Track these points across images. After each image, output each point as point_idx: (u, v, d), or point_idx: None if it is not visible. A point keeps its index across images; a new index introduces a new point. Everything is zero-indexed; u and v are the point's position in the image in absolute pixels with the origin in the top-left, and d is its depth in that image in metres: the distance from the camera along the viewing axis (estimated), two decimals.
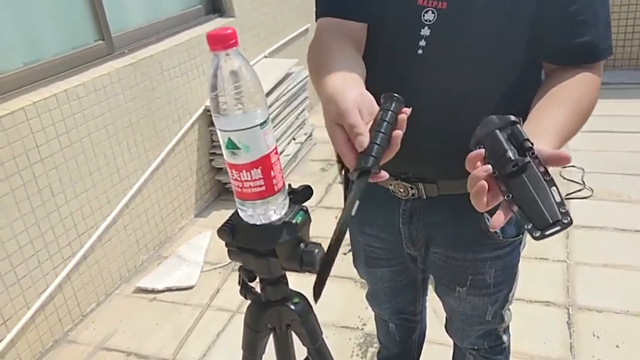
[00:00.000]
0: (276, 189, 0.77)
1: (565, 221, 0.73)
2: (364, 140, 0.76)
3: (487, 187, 0.74)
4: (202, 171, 3.29)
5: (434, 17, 0.96)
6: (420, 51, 0.99)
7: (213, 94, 0.70)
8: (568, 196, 2.98)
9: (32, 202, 2.22)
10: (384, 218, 1.26)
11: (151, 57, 2.82)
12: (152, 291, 2.63)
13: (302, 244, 0.80)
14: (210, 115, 3.25)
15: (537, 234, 0.73)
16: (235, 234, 0.80)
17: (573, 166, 3.24)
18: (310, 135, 3.90)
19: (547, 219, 0.74)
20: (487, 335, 1.40)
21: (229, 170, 0.76)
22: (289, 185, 0.84)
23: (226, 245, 0.81)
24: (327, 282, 0.77)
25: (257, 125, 0.72)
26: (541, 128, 0.87)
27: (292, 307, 0.86)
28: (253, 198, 0.76)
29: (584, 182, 3.08)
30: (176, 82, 3.01)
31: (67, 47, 2.51)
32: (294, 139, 3.73)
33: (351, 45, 1.03)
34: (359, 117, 0.78)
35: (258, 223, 0.78)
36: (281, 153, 3.50)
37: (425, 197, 1.16)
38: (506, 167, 0.75)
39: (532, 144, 0.76)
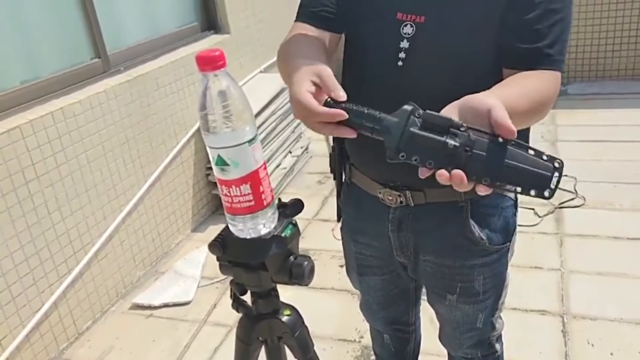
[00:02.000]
0: (265, 204, 0.79)
1: (557, 164, 0.70)
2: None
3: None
4: (199, 186, 3.31)
5: (412, 30, 1.01)
6: (400, 63, 1.03)
7: (202, 112, 0.73)
8: (561, 205, 3.01)
9: (27, 219, 2.23)
10: (374, 226, 1.28)
11: (147, 74, 2.85)
12: (149, 307, 2.63)
13: (291, 257, 0.82)
14: None
15: (547, 193, 0.70)
16: (226, 248, 0.81)
17: (565, 175, 3.26)
18: (306, 149, 3.93)
19: (542, 175, 0.70)
20: (479, 344, 1.42)
21: (219, 185, 0.78)
22: (279, 199, 0.87)
23: (217, 260, 0.83)
24: (323, 295, 0.79)
25: (245, 142, 0.74)
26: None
27: (283, 319, 0.88)
28: (243, 213, 0.78)
29: (576, 191, 3.11)
30: (172, 98, 3.04)
31: (64, 65, 2.54)
32: (291, 152, 3.76)
33: (319, 43, 1.10)
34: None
35: (248, 237, 0.80)
36: (278, 166, 3.52)
37: (413, 205, 1.18)
38: (459, 157, 0.70)
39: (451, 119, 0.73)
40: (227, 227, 0.83)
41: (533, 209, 3.00)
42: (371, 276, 1.41)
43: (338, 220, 1.39)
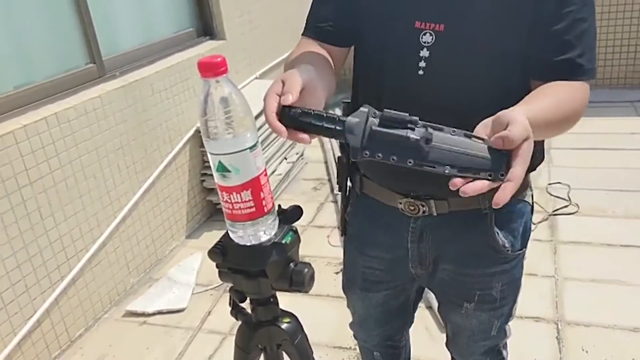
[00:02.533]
0: (266, 210, 0.79)
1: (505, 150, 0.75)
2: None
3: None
4: (194, 192, 3.30)
5: (432, 39, 1.00)
6: (420, 72, 1.02)
7: (204, 118, 0.72)
8: (555, 212, 3.02)
9: (20, 226, 2.21)
10: (391, 238, 1.25)
11: (142, 79, 2.85)
12: (143, 314, 2.61)
13: (291, 264, 0.81)
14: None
15: (502, 175, 0.74)
16: (225, 255, 0.81)
17: (559, 182, 3.29)
18: (301, 155, 3.93)
19: (497, 159, 0.75)
20: (489, 352, 1.41)
21: (219, 192, 0.78)
22: (279, 205, 0.86)
23: (217, 267, 0.83)
24: (319, 302, 0.79)
25: (247, 149, 0.74)
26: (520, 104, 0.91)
27: (283, 326, 0.87)
28: (243, 219, 0.78)
29: (570, 199, 3.12)
30: (167, 104, 3.03)
31: (58, 70, 2.53)
32: (286, 159, 3.76)
33: (323, 60, 1.07)
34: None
35: (248, 244, 0.80)
36: (273, 173, 3.52)
37: (435, 214, 1.16)
38: (421, 149, 0.75)
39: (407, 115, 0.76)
40: (226, 233, 0.82)
41: None
42: (375, 292, 1.36)
43: (343, 234, 1.34)
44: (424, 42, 1.01)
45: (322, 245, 2.94)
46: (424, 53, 1.01)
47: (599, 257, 2.63)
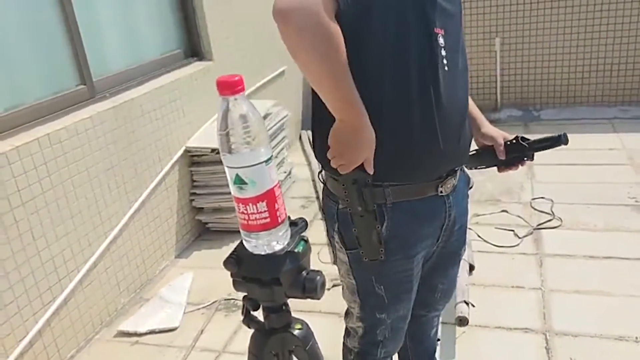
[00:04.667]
0: (280, 220, 0.83)
1: None
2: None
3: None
4: (183, 211, 3.31)
5: (443, 41, 1.21)
6: (446, 68, 1.22)
7: (223, 132, 0.76)
8: (539, 226, 3.10)
9: (12, 246, 2.21)
10: (433, 224, 1.37)
11: (132, 100, 2.87)
12: (135, 334, 2.60)
13: (304, 272, 0.85)
14: (191, 156, 3.31)
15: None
16: (240, 264, 0.84)
17: (542, 197, 3.37)
18: (289, 174, 3.97)
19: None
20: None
21: (235, 204, 0.81)
22: (289, 217, 0.90)
23: (231, 276, 0.86)
24: (311, 318, 0.84)
25: (263, 162, 0.78)
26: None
27: (295, 333, 0.91)
28: (258, 229, 0.82)
29: (553, 213, 3.20)
30: (157, 124, 3.06)
31: (49, 91, 2.55)
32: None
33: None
34: None
35: (262, 253, 0.83)
36: None
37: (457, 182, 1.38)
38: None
39: None
40: (240, 244, 0.86)
41: (513, 230, 3.08)
42: (409, 293, 1.43)
43: (377, 259, 1.28)
44: (440, 44, 1.20)
45: (313, 262, 2.95)
46: (443, 52, 1.20)
47: (583, 269, 2.70)
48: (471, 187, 1.54)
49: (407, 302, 1.46)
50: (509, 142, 1.47)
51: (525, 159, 1.48)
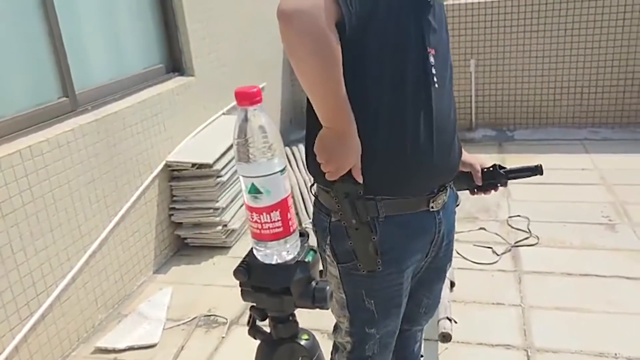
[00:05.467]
0: (291, 230, 0.84)
1: None
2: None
3: None
4: (162, 226, 3.28)
5: (433, 60, 1.24)
6: (436, 85, 1.25)
7: (241, 142, 0.77)
8: (517, 244, 3.16)
9: None
10: (424, 238, 1.39)
11: (115, 113, 2.85)
12: (113, 350, 2.55)
13: (313, 282, 0.86)
14: (171, 170, 3.28)
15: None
16: (250, 273, 0.85)
17: (519, 215, 3.44)
18: None
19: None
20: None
21: (248, 213, 0.82)
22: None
23: (240, 285, 0.86)
24: None
25: (278, 172, 0.79)
26: None
27: (302, 343, 0.91)
28: (271, 239, 0.82)
29: (530, 231, 3.27)
30: (138, 138, 3.03)
31: (32, 103, 2.52)
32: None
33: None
34: None
35: (273, 262, 0.84)
36: (242, 206, 3.53)
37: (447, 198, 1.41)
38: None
39: None
40: (250, 254, 0.86)
41: (491, 248, 3.13)
42: (405, 300, 1.45)
43: (374, 270, 1.30)
44: (431, 62, 1.24)
45: None
46: (433, 70, 1.24)
47: (561, 286, 2.76)
48: (458, 205, 1.57)
49: (396, 317, 1.47)
50: (485, 169, 1.56)
51: (499, 185, 1.57)
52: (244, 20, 4.36)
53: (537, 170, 1.53)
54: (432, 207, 1.35)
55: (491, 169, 1.55)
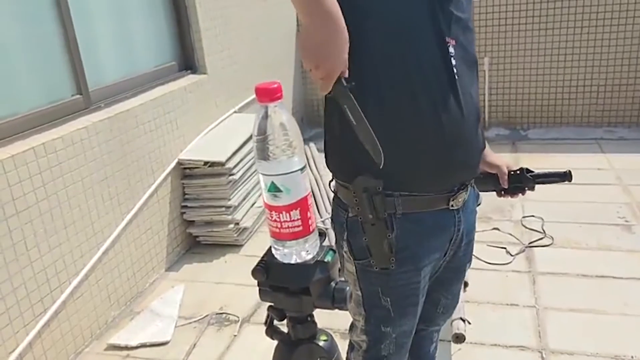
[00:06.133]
0: (311, 229, 0.82)
1: None
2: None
3: None
4: (174, 224, 3.28)
5: (454, 50, 1.23)
6: (456, 77, 1.23)
7: (260, 139, 0.76)
8: (531, 244, 3.12)
9: (5, 256, 2.16)
10: (442, 236, 1.37)
11: (127, 111, 2.85)
12: (125, 347, 2.55)
13: (332, 282, 0.84)
14: (183, 168, 3.28)
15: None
16: (269, 273, 0.83)
17: (532, 216, 3.41)
18: None
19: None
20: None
21: (267, 212, 0.81)
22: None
23: (258, 285, 0.85)
24: None
25: (297, 170, 0.78)
26: None
27: (321, 344, 0.90)
28: (290, 238, 0.81)
29: (544, 231, 3.24)
30: (151, 135, 3.03)
31: (46, 101, 2.52)
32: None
33: None
34: None
35: (292, 262, 0.83)
36: (253, 205, 3.53)
37: (467, 197, 1.38)
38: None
39: None
40: (268, 253, 0.85)
41: (505, 248, 3.10)
42: (422, 299, 1.42)
43: (388, 267, 1.30)
44: (451, 53, 1.22)
45: None
46: (453, 61, 1.23)
47: (576, 287, 2.72)
48: (479, 204, 1.55)
49: (412, 317, 1.45)
50: (512, 172, 1.53)
51: (527, 189, 1.54)
52: (256, 18, 4.35)
53: (566, 176, 1.50)
54: (452, 206, 1.33)
55: (518, 172, 1.52)
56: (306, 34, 1.01)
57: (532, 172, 1.52)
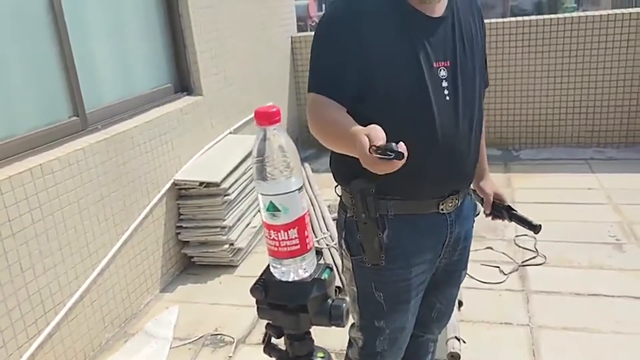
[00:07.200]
0: (308, 247, 0.85)
1: None
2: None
3: None
4: (169, 245, 3.28)
5: (446, 73, 1.33)
6: (447, 98, 1.33)
7: (259, 160, 0.78)
8: (524, 263, 3.15)
9: (0, 278, 2.16)
10: (431, 239, 1.45)
11: (124, 132, 2.88)
12: None
13: (329, 300, 0.86)
14: (179, 189, 3.30)
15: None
16: (267, 291, 0.85)
17: (525, 235, 3.43)
18: None
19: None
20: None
21: (266, 231, 0.83)
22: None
23: (257, 303, 0.87)
24: None
25: (295, 190, 0.80)
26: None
27: None
28: (288, 256, 0.83)
29: (537, 250, 3.26)
30: (147, 157, 3.06)
31: (43, 122, 2.55)
32: (260, 211, 3.79)
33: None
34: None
35: (290, 280, 0.85)
36: (247, 225, 3.54)
37: (460, 202, 1.46)
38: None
39: None
40: (266, 271, 0.87)
41: (498, 267, 3.12)
42: (416, 296, 1.50)
43: (378, 264, 1.41)
44: (442, 76, 1.32)
45: None
46: (444, 84, 1.33)
47: (569, 306, 2.74)
48: (477, 214, 1.65)
49: (405, 313, 1.53)
50: (496, 203, 1.68)
51: (503, 220, 1.71)
52: (252, 40, 4.41)
53: (535, 228, 1.62)
54: (442, 210, 1.42)
55: (501, 205, 1.68)
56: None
57: (514, 210, 1.67)
